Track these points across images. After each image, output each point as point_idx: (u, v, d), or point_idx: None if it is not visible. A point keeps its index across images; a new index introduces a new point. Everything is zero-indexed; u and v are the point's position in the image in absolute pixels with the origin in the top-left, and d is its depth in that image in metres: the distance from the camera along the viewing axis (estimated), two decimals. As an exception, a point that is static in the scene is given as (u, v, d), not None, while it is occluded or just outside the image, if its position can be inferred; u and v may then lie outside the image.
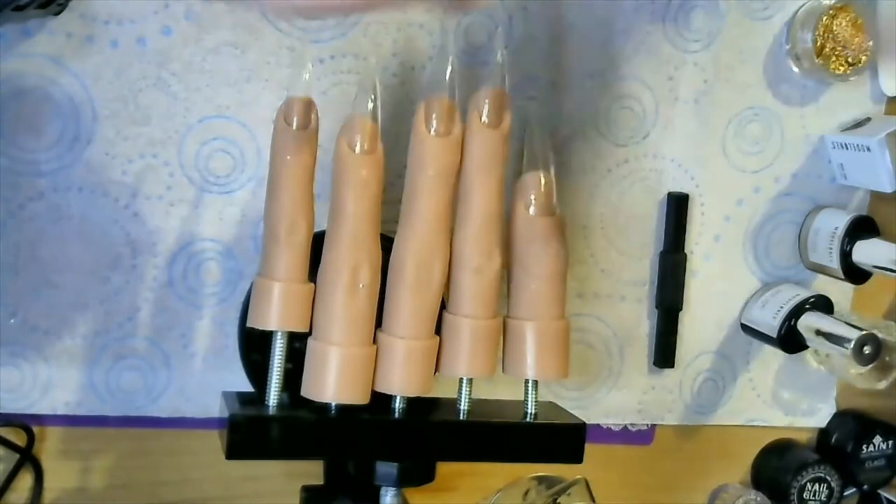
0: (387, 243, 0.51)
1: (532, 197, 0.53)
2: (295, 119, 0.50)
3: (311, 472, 0.59)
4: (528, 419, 0.54)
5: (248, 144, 0.61)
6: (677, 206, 0.70)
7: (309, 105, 0.50)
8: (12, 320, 0.60)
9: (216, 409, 0.63)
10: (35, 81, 0.58)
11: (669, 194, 0.70)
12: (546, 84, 0.65)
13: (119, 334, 0.62)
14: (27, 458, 0.62)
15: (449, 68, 0.49)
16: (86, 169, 0.59)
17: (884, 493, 0.79)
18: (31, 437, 0.62)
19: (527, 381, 0.55)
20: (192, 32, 0.59)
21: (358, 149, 0.49)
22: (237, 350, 0.61)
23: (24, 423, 0.62)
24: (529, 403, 0.54)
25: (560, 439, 0.54)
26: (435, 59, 0.52)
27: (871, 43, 0.70)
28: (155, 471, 0.65)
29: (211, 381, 0.63)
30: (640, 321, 0.72)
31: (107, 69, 0.58)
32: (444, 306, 0.52)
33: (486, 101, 0.50)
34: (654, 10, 0.66)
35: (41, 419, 0.62)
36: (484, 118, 0.50)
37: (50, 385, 0.61)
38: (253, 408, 0.51)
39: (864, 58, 0.70)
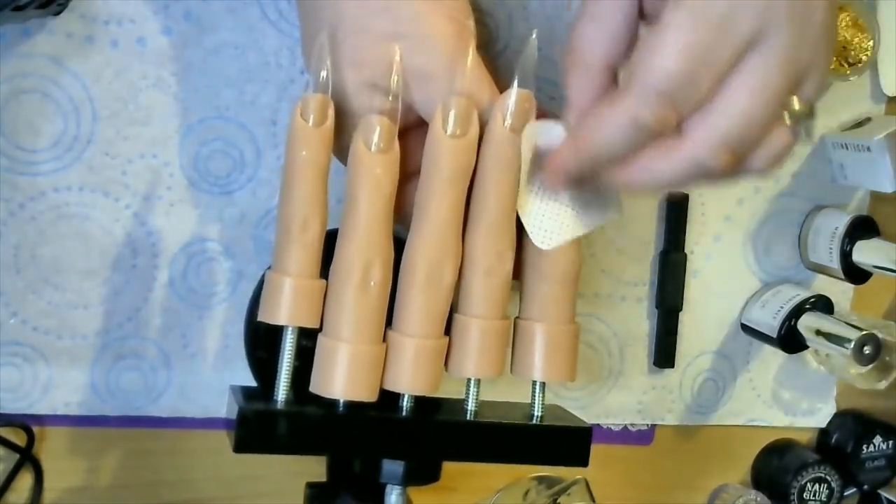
0: (397, 244, 0.51)
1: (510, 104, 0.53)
2: (311, 116, 0.50)
3: (313, 472, 0.59)
4: (534, 421, 0.54)
5: (247, 145, 0.61)
6: (677, 206, 0.70)
7: (325, 103, 0.50)
8: (12, 320, 0.60)
9: (217, 409, 0.63)
10: (35, 81, 0.57)
11: (669, 194, 0.70)
12: (546, 83, 0.65)
13: (119, 334, 0.62)
14: (27, 458, 0.62)
15: (468, 67, 0.50)
16: (86, 169, 0.59)
17: (884, 493, 0.79)
18: (31, 437, 0.62)
19: (534, 383, 0.55)
20: (192, 32, 0.59)
21: (374, 147, 0.49)
22: (238, 350, 0.61)
23: (24, 423, 0.62)
24: (536, 405, 0.54)
25: (566, 442, 0.55)
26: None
27: (871, 43, 0.70)
28: (155, 471, 0.65)
29: (211, 381, 0.63)
30: (640, 321, 0.72)
31: (107, 69, 0.58)
32: (453, 307, 0.53)
33: (513, 104, 0.50)
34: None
35: (41, 419, 0.62)
36: (507, 121, 0.50)
37: (50, 385, 0.61)
38: (261, 402, 0.51)
39: (864, 58, 0.70)
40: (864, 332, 0.67)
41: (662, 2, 0.44)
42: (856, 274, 0.71)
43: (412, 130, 0.53)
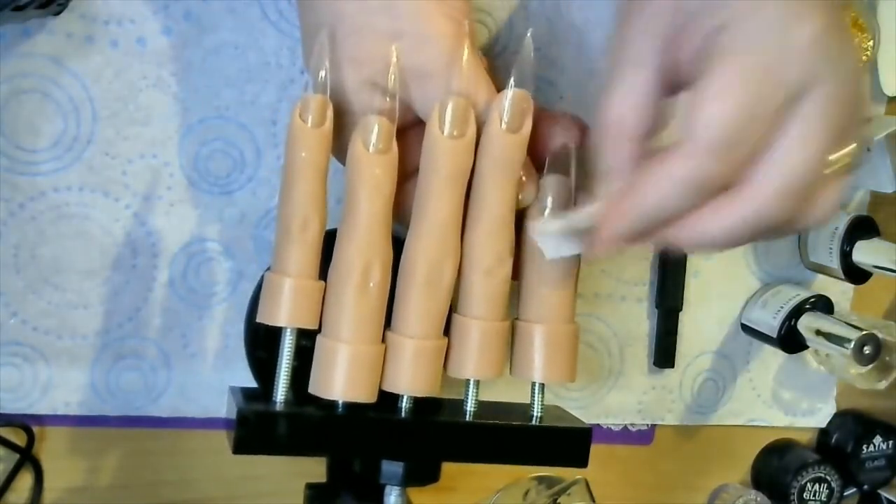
0: (396, 244, 0.51)
1: (548, 201, 0.53)
2: (310, 117, 0.50)
3: (312, 472, 0.59)
4: (534, 422, 0.54)
5: (247, 145, 0.61)
6: (677, 206, 0.70)
7: (324, 104, 0.50)
8: (12, 320, 0.60)
9: (217, 409, 0.63)
10: (35, 81, 0.57)
11: (669, 194, 0.70)
12: (545, 84, 0.65)
13: (119, 334, 0.62)
14: (27, 458, 0.62)
15: (464, 67, 0.49)
16: (86, 169, 0.59)
17: (884, 493, 0.79)
18: (31, 437, 0.62)
19: (533, 384, 0.55)
20: (192, 32, 0.59)
21: (372, 148, 0.49)
22: (238, 350, 0.61)
23: (24, 423, 0.62)
24: (536, 406, 0.55)
25: (566, 443, 0.55)
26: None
27: (871, 43, 0.70)
28: (155, 471, 0.65)
29: (211, 381, 0.63)
30: (640, 321, 0.72)
31: (107, 69, 0.58)
32: (453, 307, 0.53)
33: (509, 104, 0.50)
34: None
35: (41, 419, 0.62)
36: (504, 122, 0.50)
37: (50, 385, 0.61)
38: (260, 403, 0.51)
39: (864, 58, 0.70)
40: (864, 332, 0.67)
41: (700, 62, 0.43)
42: (856, 274, 0.71)
43: (411, 129, 0.53)
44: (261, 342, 0.57)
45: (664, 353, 0.71)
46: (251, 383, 0.57)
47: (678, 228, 0.45)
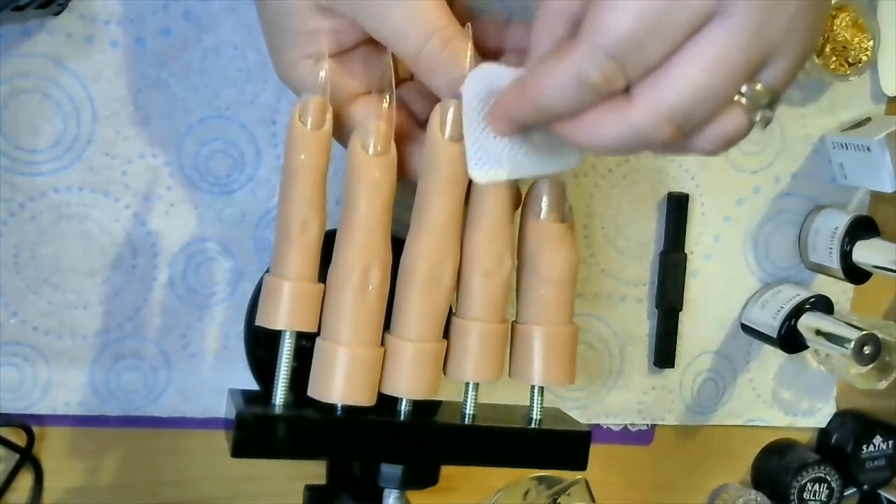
0: (395, 246, 0.51)
1: (543, 202, 0.53)
2: (309, 119, 0.50)
3: (312, 472, 0.59)
4: (533, 425, 0.54)
5: (247, 145, 0.61)
6: (677, 206, 0.70)
7: (324, 105, 0.50)
8: (12, 320, 0.60)
9: (216, 409, 0.63)
10: (35, 81, 0.57)
11: (669, 194, 0.70)
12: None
13: (119, 334, 0.62)
14: (27, 458, 0.62)
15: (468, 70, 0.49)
16: (86, 169, 0.59)
17: (884, 493, 0.79)
18: (31, 437, 0.62)
19: (533, 387, 0.55)
20: (191, 32, 0.59)
21: (371, 150, 0.49)
22: (238, 350, 0.61)
23: (24, 423, 0.62)
24: (535, 409, 0.54)
25: (565, 446, 0.55)
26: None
27: (871, 43, 0.70)
28: (155, 471, 0.65)
29: (211, 381, 0.63)
30: (640, 321, 0.72)
31: (107, 69, 0.58)
32: (452, 309, 0.52)
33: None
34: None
35: (41, 419, 0.62)
36: None
37: (50, 385, 0.61)
38: (259, 406, 0.51)
39: (864, 58, 0.70)
40: (864, 332, 0.67)
41: None
42: (856, 274, 0.71)
43: (361, 47, 0.51)
44: (261, 342, 0.57)
45: (664, 353, 0.71)
46: (251, 383, 0.57)
47: (573, 126, 0.44)
